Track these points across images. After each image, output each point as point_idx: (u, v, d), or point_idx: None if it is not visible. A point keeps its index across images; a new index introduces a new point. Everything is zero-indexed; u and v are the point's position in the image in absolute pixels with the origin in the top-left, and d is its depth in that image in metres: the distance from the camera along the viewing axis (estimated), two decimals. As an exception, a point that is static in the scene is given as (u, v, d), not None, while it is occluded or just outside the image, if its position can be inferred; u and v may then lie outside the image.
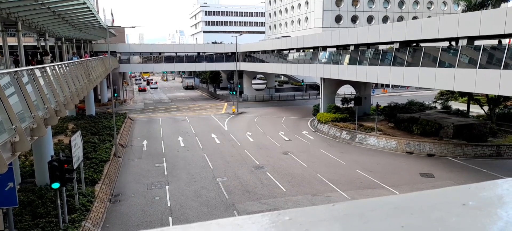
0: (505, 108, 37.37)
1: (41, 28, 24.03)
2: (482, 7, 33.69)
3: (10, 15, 17.48)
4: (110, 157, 26.22)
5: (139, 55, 64.19)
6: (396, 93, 64.58)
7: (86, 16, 26.28)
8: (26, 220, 15.40)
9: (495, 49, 21.39)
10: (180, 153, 29.92)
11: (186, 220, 17.97)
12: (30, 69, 11.86)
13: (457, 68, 22.09)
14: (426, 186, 21.81)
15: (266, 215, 1.01)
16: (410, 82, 28.07)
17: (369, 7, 71.58)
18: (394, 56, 28.18)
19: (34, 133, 10.84)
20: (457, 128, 29.77)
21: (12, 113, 8.92)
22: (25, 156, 23.66)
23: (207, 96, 72.19)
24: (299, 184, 22.38)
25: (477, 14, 21.85)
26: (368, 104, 42.31)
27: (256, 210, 18.82)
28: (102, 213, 18.31)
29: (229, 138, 34.78)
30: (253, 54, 60.55)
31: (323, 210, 1.05)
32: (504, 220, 0.95)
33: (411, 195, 1.11)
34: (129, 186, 22.49)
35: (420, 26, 25.68)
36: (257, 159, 27.58)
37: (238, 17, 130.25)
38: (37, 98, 11.56)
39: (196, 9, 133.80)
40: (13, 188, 12.75)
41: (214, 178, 23.58)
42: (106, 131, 33.33)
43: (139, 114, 50.64)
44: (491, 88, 20.50)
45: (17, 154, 9.56)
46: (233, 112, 49.35)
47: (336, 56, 36.55)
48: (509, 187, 1.13)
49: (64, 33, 31.84)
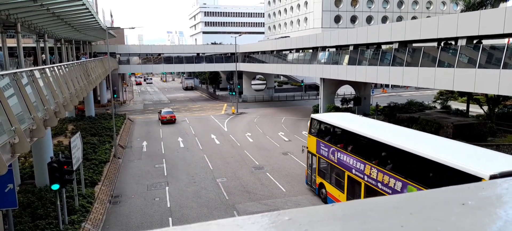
0: (505, 108, 37.38)
1: (40, 29, 24.02)
2: (481, 7, 33.71)
3: (9, 16, 17.47)
4: (110, 158, 26.21)
5: (139, 56, 64.19)
6: (396, 93, 64.61)
7: (85, 17, 26.27)
8: (25, 222, 15.39)
9: (495, 49, 21.41)
10: (179, 153, 29.91)
11: (186, 220, 17.97)
12: (30, 71, 11.86)
13: (456, 68, 22.12)
14: (426, 186, 21.80)
15: (266, 215, 1.02)
16: (409, 82, 28.09)
17: (368, 7, 71.63)
18: (394, 56, 28.21)
19: (33, 134, 10.83)
20: (456, 127, 29.78)
21: (11, 115, 8.92)
22: (25, 157, 23.64)
23: (207, 97, 72.19)
24: (299, 185, 22.38)
25: (476, 14, 21.88)
26: (368, 105, 42.32)
27: (256, 210, 18.81)
28: (102, 214, 18.30)
29: (229, 139, 34.78)
30: (252, 54, 60.57)
31: (322, 210, 1.05)
32: (503, 220, 0.95)
33: (411, 195, 1.11)
34: (129, 187, 22.48)
35: (419, 26, 25.72)
36: (257, 160, 27.57)
37: (238, 18, 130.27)
38: (36, 100, 11.55)
39: (196, 10, 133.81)
40: (13, 190, 12.74)
41: (214, 179, 23.57)
42: (106, 132, 33.31)
43: (139, 115, 50.64)
44: (491, 88, 20.52)
45: (16, 155, 9.56)
46: (233, 113, 49.35)
47: (335, 57, 36.57)
48: (508, 186, 1.14)
49: (64, 34, 31.82)
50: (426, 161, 13.03)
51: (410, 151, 13.77)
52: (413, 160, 13.63)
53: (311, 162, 21.07)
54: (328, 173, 19.27)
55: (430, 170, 13.06)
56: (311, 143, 21.04)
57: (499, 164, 12.10)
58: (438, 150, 13.53)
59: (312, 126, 21.21)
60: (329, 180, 19.19)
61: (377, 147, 15.51)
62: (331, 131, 19.43)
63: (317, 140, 20.31)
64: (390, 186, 14.55)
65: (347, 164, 17.40)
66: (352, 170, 17.01)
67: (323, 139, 19.63)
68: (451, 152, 13.28)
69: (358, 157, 16.62)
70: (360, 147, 16.86)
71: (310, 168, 21.17)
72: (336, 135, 18.94)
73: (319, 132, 20.57)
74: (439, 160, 12.50)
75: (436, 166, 12.61)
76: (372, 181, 15.60)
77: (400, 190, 14.23)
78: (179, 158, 28.51)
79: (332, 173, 18.95)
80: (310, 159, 21.21)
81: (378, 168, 15.24)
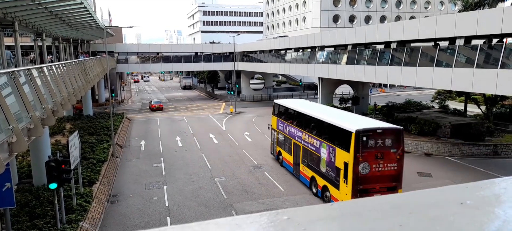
0: (502, 107, 37.50)
1: (38, 28, 23.95)
2: (478, 7, 33.80)
3: (6, 15, 17.41)
4: (108, 157, 26.16)
5: (137, 55, 64.06)
6: (394, 93, 64.73)
7: (83, 16, 26.21)
8: (23, 221, 15.35)
9: (492, 49, 21.47)
10: (178, 153, 29.89)
11: (184, 220, 17.96)
12: (27, 69, 11.82)
13: (454, 68, 22.17)
14: (424, 185, 21.86)
15: (264, 214, 1.01)
16: (407, 82, 28.14)
17: (366, 7, 71.69)
18: (392, 56, 28.24)
19: (31, 133, 10.81)
20: (454, 127, 29.87)
21: (9, 114, 8.89)
22: (22, 156, 23.57)
23: (205, 96, 72.14)
24: (297, 184, 22.40)
25: (474, 14, 21.93)
26: (366, 104, 42.36)
27: (254, 209, 18.82)
28: (100, 213, 18.27)
29: (227, 138, 34.77)
30: (251, 54, 60.55)
31: (321, 210, 1.05)
32: (501, 219, 0.95)
33: (409, 194, 1.11)
34: (127, 186, 22.45)
35: (417, 26, 25.76)
36: (255, 159, 27.57)
37: (236, 17, 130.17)
38: (34, 98, 11.52)
39: (194, 9, 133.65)
40: (10, 189, 12.70)
41: (212, 178, 23.57)
42: (104, 131, 33.24)
43: (137, 114, 50.56)
44: (488, 88, 20.57)
45: (14, 154, 9.54)
46: (231, 112, 49.34)
47: (334, 56, 36.59)
48: (506, 186, 1.14)
49: (62, 33, 31.74)
50: (327, 125, 19.66)
51: (320, 118, 20.58)
52: (322, 125, 20.26)
53: (273, 136, 27.24)
54: (283, 142, 25.29)
55: (329, 130, 19.48)
56: (273, 122, 27.03)
57: (364, 123, 18.59)
58: (334, 117, 20.29)
59: (274, 108, 27.07)
60: (283, 147, 25.25)
61: (309, 120, 21.79)
62: (285, 112, 25.43)
63: (277, 119, 26.32)
64: (315, 146, 20.67)
65: (293, 134, 23.58)
66: (295, 137, 23.21)
67: (280, 118, 25.76)
68: (341, 118, 19.93)
69: (299, 128, 22.83)
70: (300, 121, 22.88)
71: (273, 140, 27.31)
72: (288, 114, 24.85)
73: (278, 113, 26.30)
74: (333, 122, 19.16)
75: (331, 127, 19.18)
76: (306, 143, 21.76)
77: (319, 146, 20.24)
78: (178, 157, 28.49)
79: (285, 143, 24.95)
80: (272, 134, 27.32)
81: (308, 134, 21.44)
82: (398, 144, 17.48)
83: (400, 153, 17.51)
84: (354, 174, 16.93)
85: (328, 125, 19.38)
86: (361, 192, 17.20)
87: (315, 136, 20.54)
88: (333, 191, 18.65)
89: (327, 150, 19.15)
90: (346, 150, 17.31)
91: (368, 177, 17.13)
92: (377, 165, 17.22)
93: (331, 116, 20.71)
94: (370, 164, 17.09)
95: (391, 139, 17.43)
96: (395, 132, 17.77)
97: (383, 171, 17.35)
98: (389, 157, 17.36)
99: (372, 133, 17.25)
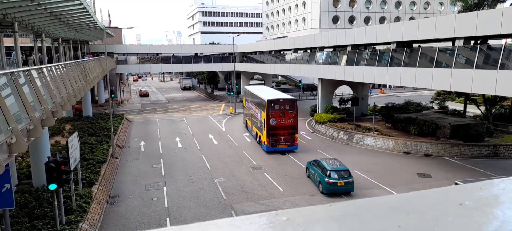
0: (502, 108, 37.52)
1: (37, 29, 23.95)
2: (478, 8, 33.82)
3: (6, 16, 17.41)
4: (108, 158, 26.13)
5: (136, 56, 64.03)
6: (393, 94, 64.75)
7: (83, 17, 26.23)
8: (22, 222, 15.33)
9: (492, 50, 21.48)
10: (177, 153, 29.88)
11: (184, 221, 17.95)
12: (27, 70, 11.82)
13: (453, 69, 22.18)
14: (423, 186, 21.87)
15: (264, 215, 1.02)
16: (407, 83, 28.15)
17: (366, 7, 71.77)
18: (391, 56, 28.26)
19: (30, 134, 10.81)
20: (454, 128, 29.88)
21: (8, 115, 8.89)
22: (22, 157, 23.55)
23: (205, 97, 72.12)
24: (297, 185, 22.40)
25: (473, 14, 21.95)
26: (366, 105, 42.36)
27: (253, 210, 18.81)
28: (99, 214, 18.25)
29: (227, 139, 34.76)
30: (250, 55, 60.55)
31: (320, 210, 1.05)
32: (500, 220, 0.95)
33: (408, 195, 1.11)
34: (127, 187, 22.43)
35: (417, 26, 25.77)
36: (255, 160, 27.57)
37: (236, 18, 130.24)
38: (33, 99, 11.52)
39: (194, 9, 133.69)
40: (10, 190, 12.69)
41: (211, 179, 23.56)
42: (103, 132, 33.21)
43: (137, 115, 50.54)
44: (488, 89, 20.59)
45: (13, 155, 9.53)
46: (231, 113, 49.32)
47: (333, 57, 36.61)
48: (505, 186, 1.14)
49: (61, 34, 31.74)
50: (258, 98, 31.42)
51: (257, 95, 32.25)
52: (258, 98, 31.46)
53: (244, 112, 39.61)
54: (249, 116, 36.08)
55: (259, 102, 31.04)
56: (244, 101, 39.11)
57: (273, 95, 31.34)
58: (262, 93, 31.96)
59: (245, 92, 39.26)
60: (249, 118, 36.11)
61: (255, 97, 32.98)
62: (247, 93, 37.33)
63: (245, 98, 38.54)
64: (256, 112, 32.13)
65: (250, 107, 35.03)
66: (251, 109, 34.40)
67: (247, 98, 37.37)
68: (264, 93, 32.00)
69: (252, 103, 34.20)
70: (253, 99, 33.93)
71: (244, 116, 39.56)
72: (249, 94, 36.29)
73: (245, 94, 39.16)
74: (260, 96, 31.29)
75: (259, 99, 30.91)
76: (254, 112, 32.80)
77: (257, 112, 31.56)
78: (177, 158, 28.47)
79: (249, 116, 35.72)
80: (244, 111, 39.81)
81: (254, 105, 33.19)
82: (294, 107, 29.19)
83: (294, 113, 29.06)
84: (268, 124, 28.50)
85: (258, 97, 31.49)
86: (272, 135, 28.49)
87: (256, 106, 32.19)
88: (261, 137, 29.97)
89: (259, 113, 30.57)
90: (264, 111, 28.81)
91: (276, 126, 28.50)
92: (281, 120, 28.65)
93: (261, 92, 32.46)
94: (276, 119, 28.56)
95: (289, 105, 29.20)
96: (292, 100, 29.72)
97: (284, 123, 28.69)
98: (288, 115, 28.89)
99: (277, 100, 29.35)
